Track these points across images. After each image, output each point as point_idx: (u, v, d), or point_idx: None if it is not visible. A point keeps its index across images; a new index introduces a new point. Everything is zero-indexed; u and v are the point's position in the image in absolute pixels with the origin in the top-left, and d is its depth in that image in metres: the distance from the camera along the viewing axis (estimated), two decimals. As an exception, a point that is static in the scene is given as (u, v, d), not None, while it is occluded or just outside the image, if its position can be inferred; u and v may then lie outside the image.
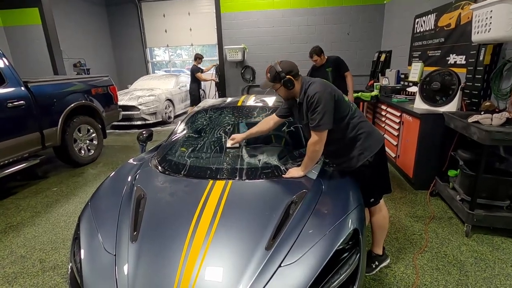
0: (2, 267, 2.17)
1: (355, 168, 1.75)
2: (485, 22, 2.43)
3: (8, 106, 3.16)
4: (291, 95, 1.75)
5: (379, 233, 1.93)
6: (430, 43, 4.26)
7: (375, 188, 1.83)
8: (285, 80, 1.67)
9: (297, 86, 1.71)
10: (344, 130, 1.72)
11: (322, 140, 1.67)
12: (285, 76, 1.67)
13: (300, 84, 1.72)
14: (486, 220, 2.32)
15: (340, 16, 7.25)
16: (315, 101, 1.60)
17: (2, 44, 7.25)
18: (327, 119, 1.61)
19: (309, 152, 1.71)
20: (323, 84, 1.68)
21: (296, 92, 1.72)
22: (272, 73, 1.70)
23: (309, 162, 1.74)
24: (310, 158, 1.73)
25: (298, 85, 1.72)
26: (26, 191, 3.53)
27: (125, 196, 1.67)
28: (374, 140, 1.75)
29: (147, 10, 9.80)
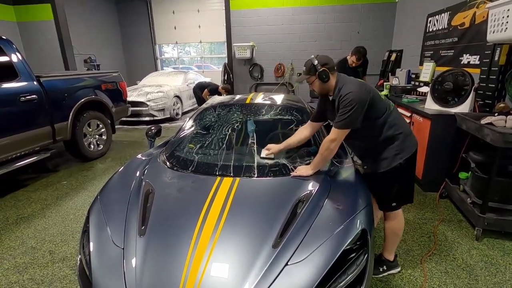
0: (13, 257, 2.22)
1: (386, 169, 1.70)
2: (502, 21, 2.36)
3: (21, 100, 3.22)
4: (325, 89, 1.70)
5: (392, 239, 1.89)
6: (442, 42, 4.17)
7: (400, 193, 1.78)
8: (320, 72, 1.63)
9: (332, 80, 1.67)
10: (381, 128, 1.67)
11: (340, 139, 1.64)
12: (321, 68, 1.63)
13: (335, 79, 1.68)
14: (498, 224, 2.27)
15: (350, 14, 7.17)
16: (347, 101, 1.56)
17: (15, 39, 7.38)
18: (352, 118, 1.57)
19: (323, 149, 1.66)
20: (359, 84, 1.63)
21: (330, 86, 1.68)
22: (308, 65, 1.68)
23: (320, 161, 1.70)
24: (322, 157, 1.68)
25: (333, 79, 1.67)
26: (37, 183, 3.60)
27: (134, 191, 1.69)
28: (411, 142, 1.71)
29: (157, 7, 9.86)
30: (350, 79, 1.69)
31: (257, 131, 2.16)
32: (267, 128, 2.28)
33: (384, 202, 1.83)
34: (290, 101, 2.59)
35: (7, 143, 3.11)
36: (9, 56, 3.30)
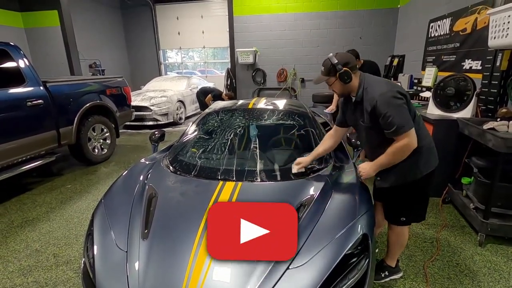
0: (18, 260, 2.25)
1: (403, 183, 1.60)
2: (503, 27, 2.38)
3: (27, 105, 3.28)
4: (347, 90, 1.59)
5: (396, 248, 1.85)
6: (444, 47, 4.19)
7: (411, 210, 1.70)
8: (341, 73, 1.51)
9: (355, 80, 1.55)
10: None
11: (413, 141, 1.47)
12: (342, 68, 1.51)
13: (358, 79, 1.56)
14: (501, 230, 2.26)
15: (352, 20, 7.22)
16: (384, 104, 1.43)
17: (22, 45, 7.52)
18: (406, 117, 1.44)
19: (392, 153, 1.50)
20: (388, 83, 1.53)
21: (353, 87, 1.57)
22: (327, 65, 1.55)
23: (385, 165, 1.55)
24: (389, 161, 1.53)
25: (355, 79, 1.55)
26: (41, 187, 3.64)
27: (137, 195, 1.71)
28: (432, 157, 1.61)
29: (161, 13, 10.00)
30: (374, 78, 1.58)
31: (260, 136, 2.18)
32: (269, 133, 2.30)
33: (392, 215, 1.76)
34: (292, 106, 2.61)
35: (14, 147, 3.17)
36: (16, 62, 3.36)
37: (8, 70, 3.32)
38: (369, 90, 1.50)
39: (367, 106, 1.51)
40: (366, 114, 1.53)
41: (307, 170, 1.83)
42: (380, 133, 1.53)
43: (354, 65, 1.55)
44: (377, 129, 1.54)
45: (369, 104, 1.49)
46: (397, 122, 1.42)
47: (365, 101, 1.52)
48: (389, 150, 1.51)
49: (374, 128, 1.55)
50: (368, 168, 1.63)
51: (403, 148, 1.48)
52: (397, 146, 1.48)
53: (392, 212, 1.75)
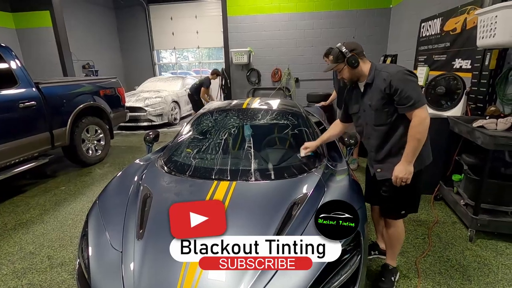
0: (12, 263, 2.23)
1: None
2: (490, 27, 2.43)
3: (20, 107, 3.25)
4: (356, 75, 1.66)
5: (396, 245, 1.87)
6: (435, 47, 4.25)
7: (410, 201, 1.75)
8: (349, 57, 1.59)
9: (363, 66, 1.63)
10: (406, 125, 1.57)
11: (428, 117, 1.50)
12: (349, 54, 1.60)
13: (368, 65, 1.64)
14: (490, 225, 2.31)
15: (345, 20, 7.28)
16: (400, 79, 1.49)
17: (14, 46, 7.42)
18: (420, 92, 1.50)
19: (414, 135, 1.50)
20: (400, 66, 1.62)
21: (361, 72, 1.64)
22: (335, 53, 1.65)
23: (415, 150, 1.53)
24: (415, 145, 1.51)
25: (364, 65, 1.64)
26: (35, 189, 3.61)
27: (132, 195, 1.72)
28: (430, 150, 1.69)
29: (155, 13, 9.95)
30: (385, 63, 1.66)
31: (254, 135, 2.20)
32: (263, 133, 2.32)
33: (393, 210, 1.77)
34: (285, 106, 2.63)
35: (6, 149, 3.14)
36: (8, 63, 3.33)
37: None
38: (382, 71, 1.57)
39: (380, 85, 1.56)
40: (379, 93, 1.57)
41: (301, 168, 1.86)
42: (389, 116, 1.59)
43: (360, 51, 1.63)
44: (386, 112, 1.59)
45: (384, 82, 1.54)
46: (415, 96, 1.47)
47: (379, 81, 1.57)
48: (411, 133, 1.52)
49: (383, 110, 1.59)
50: (402, 168, 1.58)
51: (423, 123, 1.49)
52: (417, 122, 1.49)
53: (393, 207, 1.76)
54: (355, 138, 2.23)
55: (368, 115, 1.69)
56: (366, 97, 1.68)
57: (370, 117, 1.67)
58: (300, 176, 1.80)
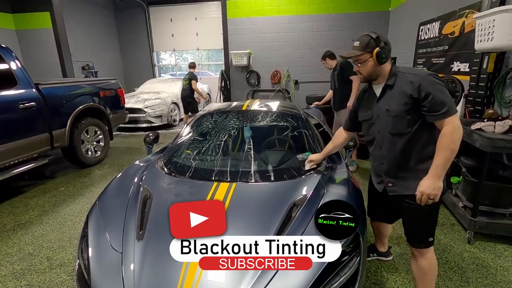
0: (11, 264, 2.23)
1: None
2: (488, 31, 2.46)
3: (19, 107, 3.25)
4: (376, 74, 1.46)
5: (431, 281, 1.59)
6: (434, 50, 4.28)
7: (435, 224, 1.53)
8: (381, 49, 1.39)
9: (387, 65, 1.45)
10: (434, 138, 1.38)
11: (461, 126, 1.33)
12: (383, 44, 1.40)
13: (389, 65, 1.46)
14: (489, 227, 2.32)
15: (344, 22, 7.32)
16: (431, 84, 1.32)
17: (14, 47, 7.41)
18: (451, 98, 1.35)
19: (448, 145, 1.30)
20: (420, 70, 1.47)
21: (383, 72, 1.45)
22: (365, 40, 1.42)
23: (447, 163, 1.33)
24: (448, 156, 1.32)
25: (388, 64, 1.45)
26: (34, 190, 3.61)
27: (132, 196, 1.72)
28: None
29: (155, 14, 9.98)
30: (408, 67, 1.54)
31: (253, 137, 2.21)
32: (263, 134, 2.33)
33: (422, 237, 1.52)
34: (285, 108, 2.65)
35: (5, 150, 3.13)
36: (8, 64, 3.34)
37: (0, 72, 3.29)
38: (407, 73, 1.40)
39: (405, 88, 1.37)
40: (402, 98, 1.38)
41: (300, 170, 1.87)
42: (410, 124, 1.40)
43: (390, 49, 1.44)
44: (407, 120, 1.40)
45: (411, 85, 1.36)
46: (448, 102, 1.31)
47: (403, 83, 1.39)
48: (443, 143, 1.31)
49: (405, 117, 1.40)
50: (430, 183, 1.35)
51: (458, 131, 1.31)
52: (451, 130, 1.30)
53: (421, 233, 1.51)
54: (354, 140, 2.24)
55: (383, 122, 1.49)
56: (383, 101, 1.48)
57: (386, 124, 1.47)
58: (300, 177, 1.81)
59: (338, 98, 4.05)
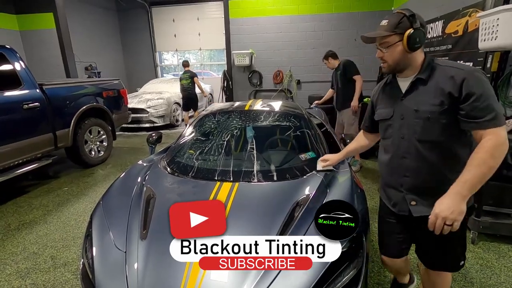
0: (16, 263, 2.25)
1: None
2: (492, 29, 2.44)
3: (24, 108, 3.28)
4: (404, 63, 1.18)
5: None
6: (437, 49, 4.26)
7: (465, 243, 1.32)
8: (415, 32, 1.10)
9: (420, 54, 1.18)
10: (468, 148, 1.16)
11: (507, 143, 1.06)
12: (419, 26, 1.12)
13: (423, 54, 1.19)
14: (493, 228, 2.31)
15: (347, 22, 7.30)
16: (479, 82, 1.06)
17: (18, 48, 7.45)
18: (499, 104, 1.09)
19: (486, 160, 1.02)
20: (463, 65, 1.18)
21: (413, 62, 1.18)
22: (396, 18, 1.14)
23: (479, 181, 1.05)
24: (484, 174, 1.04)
25: (420, 54, 1.18)
26: (38, 190, 3.63)
27: (135, 196, 1.73)
28: None
29: (157, 15, 10.02)
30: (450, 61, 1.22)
31: (256, 137, 2.21)
32: (265, 134, 2.33)
33: (449, 264, 1.32)
34: (287, 108, 2.65)
35: (10, 150, 3.16)
36: (12, 64, 3.37)
37: (4, 73, 3.32)
38: (448, 66, 1.13)
39: (444, 84, 1.11)
40: (438, 96, 1.12)
41: (303, 170, 1.87)
42: (445, 129, 1.13)
43: (426, 34, 1.16)
44: (442, 124, 1.13)
45: (451, 81, 1.09)
46: (497, 108, 1.04)
47: (441, 78, 1.12)
48: (481, 157, 1.03)
49: (439, 121, 1.13)
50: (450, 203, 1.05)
51: (503, 145, 1.04)
52: (495, 143, 1.02)
53: (449, 259, 1.30)
54: None
55: (409, 124, 1.21)
56: (410, 99, 1.20)
57: (414, 127, 1.19)
58: (302, 177, 1.81)
59: (341, 98, 4.04)
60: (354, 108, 3.91)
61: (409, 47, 1.13)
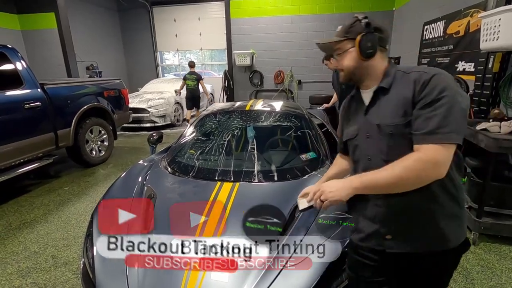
0: (16, 262, 2.25)
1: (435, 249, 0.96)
2: (494, 30, 2.43)
3: (25, 107, 3.29)
4: (359, 72, 1.02)
5: None
6: (439, 50, 4.26)
7: None
8: (366, 36, 0.96)
9: (379, 61, 1.00)
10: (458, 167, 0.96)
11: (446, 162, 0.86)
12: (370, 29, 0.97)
13: (385, 62, 1.02)
14: (494, 229, 2.30)
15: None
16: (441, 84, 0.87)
17: (19, 47, 7.46)
18: (461, 120, 0.86)
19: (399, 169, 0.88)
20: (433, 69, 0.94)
21: (373, 70, 1.01)
22: (349, 22, 1.02)
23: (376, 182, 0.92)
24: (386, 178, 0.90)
25: (380, 61, 1.01)
26: (39, 189, 3.64)
27: (136, 196, 1.73)
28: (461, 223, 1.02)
29: (158, 15, 10.03)
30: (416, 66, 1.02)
31: (257, 137, 2.21)
32: (266, 135, 2.33)
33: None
34: (288, 108, 2.65)
35: (11, 150, 3.17)
36: (14, 64, 3.37)
37: (5, 72, 3.33)
38: (413, 72, 0.95)
39: (406, 92, 0.92)
40: (401, 106, 0.93)
41: (303, 170, 1.86)
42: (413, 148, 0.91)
43: (385, 38, 1.02)
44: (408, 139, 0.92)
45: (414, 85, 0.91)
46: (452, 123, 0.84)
47: (403, 86, 0.94)
48: (396, 162, 0.89)
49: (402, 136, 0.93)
50: (339, 185, 0.99)
51: (426, 165, 0.85)
52: (421, 158, 0.85)
53: None
54: None
55: (374, 143, 1.00)
56: (373, 113, 1.02)
57: (379, 146, 0.99)
58: (303, 177, 1.81)
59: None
60: None
61: (362, 53, 0.98)
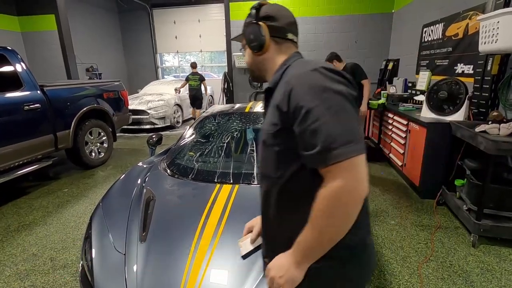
0: (15, 264, 2.24)
1: None
2: (492, 32, 2.44)
3: (24, 109, 3.29)
4: (257, 68, 0.91)
5: None
6: (438, 52, 4.26)
7: None
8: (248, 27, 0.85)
9: (275, 56, 0.87)
10: None
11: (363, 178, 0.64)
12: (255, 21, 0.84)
13: (283, 56, 0.87)
14: (493, 231, 2.30)
15: (347, 24, 7.31)
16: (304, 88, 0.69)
17: (19, 49, 7.49)
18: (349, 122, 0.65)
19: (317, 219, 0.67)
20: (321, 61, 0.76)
21: (268, 66, 0.88)
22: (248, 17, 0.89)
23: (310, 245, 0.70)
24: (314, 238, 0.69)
25: (277, 55, 0.87)
26: (38, 191, 3.63)
27: (135, 198, 1.73)
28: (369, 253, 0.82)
29: (158, 17, 10.06)
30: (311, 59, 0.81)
31: (256, 139, 2.21)
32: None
33: None
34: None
35: (10, 151, 3.16)
36: (14, 66, 3.38)
37: (5, 74, 3.33)
38: (289, 70, 0.80)
39: (276, 98, 0.77)
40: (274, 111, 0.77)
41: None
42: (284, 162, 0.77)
43: (283, 27, 0.85)
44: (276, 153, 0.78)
45: (281, 91, 0.75)
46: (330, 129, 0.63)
47: (279, 88, 0.78)
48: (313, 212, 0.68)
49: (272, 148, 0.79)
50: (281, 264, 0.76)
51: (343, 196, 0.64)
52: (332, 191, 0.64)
53: None
54: None
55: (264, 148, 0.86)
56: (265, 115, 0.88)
57: (259, 153, 0.90)
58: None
59: None
60: (364, 113, 3.88)
61: (249, 47, 0.86)
